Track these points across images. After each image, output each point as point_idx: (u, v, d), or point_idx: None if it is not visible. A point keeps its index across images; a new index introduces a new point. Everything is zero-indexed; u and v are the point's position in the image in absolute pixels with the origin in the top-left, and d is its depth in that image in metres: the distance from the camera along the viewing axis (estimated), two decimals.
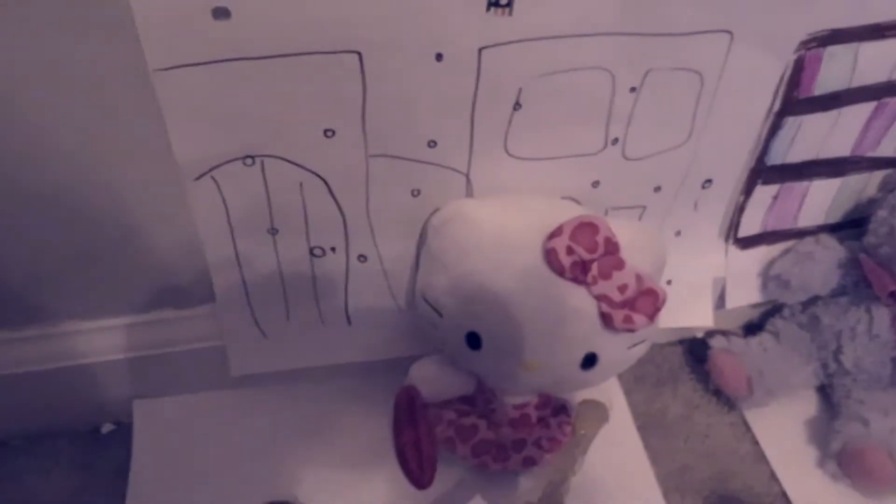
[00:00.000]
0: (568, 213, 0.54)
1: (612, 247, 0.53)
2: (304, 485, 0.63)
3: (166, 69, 0.47)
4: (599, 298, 0.53)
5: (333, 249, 0.61)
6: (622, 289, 0.53)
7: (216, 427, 0.67)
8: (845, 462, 0.65)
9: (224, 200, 0.56)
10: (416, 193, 0.59)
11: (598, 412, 0.55)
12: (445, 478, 0.58)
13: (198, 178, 0.54)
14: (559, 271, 0.53)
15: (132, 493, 0.63)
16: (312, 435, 0.66)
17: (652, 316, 0.53)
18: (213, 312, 0.64)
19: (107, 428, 0.69)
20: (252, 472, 0.63)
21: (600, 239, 0.53)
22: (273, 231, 0.59)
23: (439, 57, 0.50)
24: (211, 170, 0.54)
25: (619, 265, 0.53)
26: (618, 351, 0.56)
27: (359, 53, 0.49)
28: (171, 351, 0.66)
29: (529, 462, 0.61)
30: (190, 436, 0.67)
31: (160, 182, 0.54)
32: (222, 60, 0.47)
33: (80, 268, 0.59)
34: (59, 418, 0.68)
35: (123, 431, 0.68)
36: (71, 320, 0.63)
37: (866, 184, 0.69)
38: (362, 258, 0.62)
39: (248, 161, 0.54)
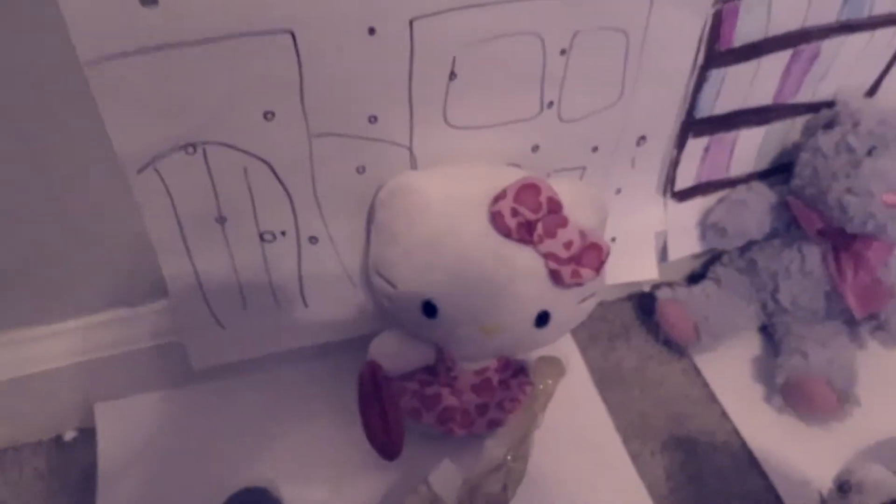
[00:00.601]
0: (510, 177, 0.56)
1: (554, 206, 0.55)
2: (277, 469, 0.63)
3: (98, 61, 0.46)
4: (547, 256, 0.55)
5: (283, 233, 0.62)
6: (567, 245, 0.55)
7: (181, 423, 0.67)
8: (789, 394, 0.68)
9: (168, 192, 0.55)
10: (361, 170, 0.59)
11: (555, 367, 0.57)
12: (413, 447, 0.59)
13: (140, 171, 0.53)
14: (506, 233, 0.54)
15: (102, 496, 0.62)
16: (280, 420, 0.67)
17: (598, 269, 0.55)
18: (168, 307, 0.63)
19: (70, 435, 0.68)
20: (223, 464, 0.63)
21: (543, 199, 0.54)
22: (221, 219, 0.59)
23: (372, 31, 0.51)
24: (152, 161, 0.53)
25: (563, 223, 0.55)
26: (569, 306, 0.58)
27: (291, 32, 0.49)
28: (129, 350, 0.65)
29: (494, 424, 0.62)
30: (156, 434, 0.66)
31: (101, 177, 0.54)
32: (154, 48, 0.47)
33: (26, 273, 0.58)
34: (20, 429, 0.67)
35: (87, 436, 0.67)
36: (21, 328, 0.62)
37: (790, 130, 0.73)
38: (313, 239, 0.63)
39: (190, 149, 0.53)
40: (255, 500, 0.59)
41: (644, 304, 0.78)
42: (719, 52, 0.63)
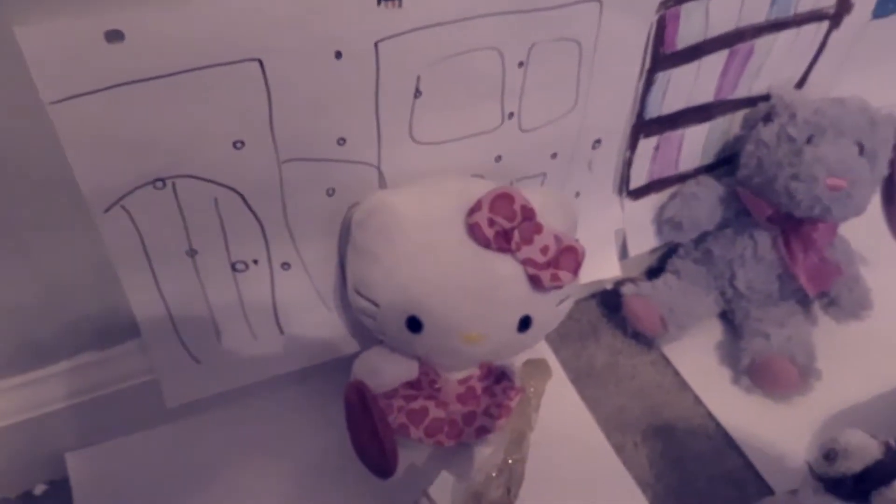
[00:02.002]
0: (481, 188, 0.57)
1: (528, 213, 0.56)
2: (264, 501, 0.62)
3: (62, 101, 0.45)
4: (525, 263, 0.56)
5: (256, 262, 0.61)
6: (544, 250, 0.56)
7: (159, 464, 0.65)
8: (755, 374, 0.72)
9: (137, 228, 0.54)
10: (331, 193, 0.59)
11: (542, 369, 0.58)
12: (406, 462, 0.59)
13: (107, 210, 0.52)
14: (484, 243, 0.56)
15: None
16: (266, 451, 0.65)
17: (575, 271, 0.57)
18: (140, 347, 0.62)
19: (40, 489, 0.65)
20: (208, 502, 0.62)
21: (517, 207, 0.56)
22: (192, 252, 0.58)
23: (338, 55, 0.51)
24: (120, 199, 0.52)
25: (538, 229, 0.56)
26: (548, 309, 0.60)
27: (259, 60, 0.49)
28: (98, 395, 0.63)
29: (483, 431, 0.63)
30: (133, 479, 0.64)
31: (62, 216, 0.52)
32: (121, 84, 0.46)
33: None
34: None
35: (58, 488, 0.65)
36: None
37: (731, 124, 0.77)
38: (286, 266, 0.62)
39: (159, 184, 0.52)
40: None
41: (608, 301, 0.81)
42: (664, 55, 0.66)
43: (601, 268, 0.77)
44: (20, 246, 0.53)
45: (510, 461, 0.51)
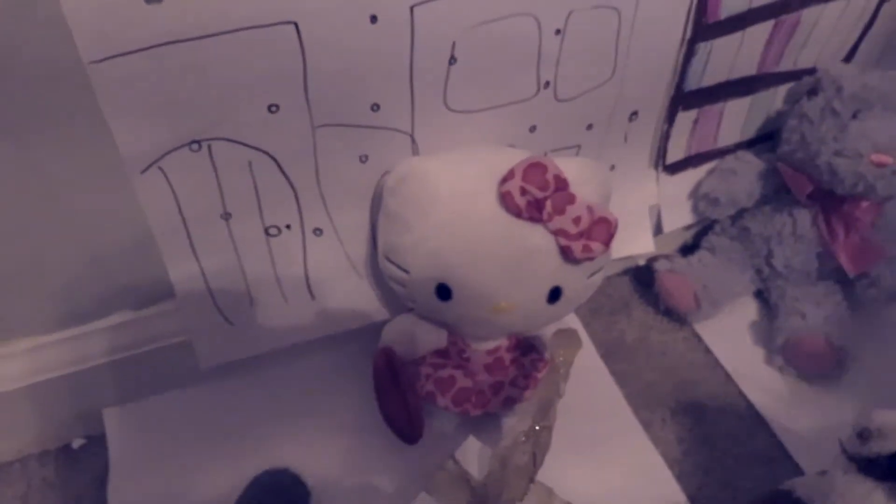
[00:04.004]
0: (514, 157, 0.57)
1: (561, 183, 0.56)
2: (296, 459, 0.62)
3: (101, 60, 0.46)
4: (557, 233, 0.56)
5: (288, 227, 0.62)
6: (576, 221, 0.56)
7: (192, 424, 0.67)
8: (789, 353, 0.71)
9: (173, 190, 0.55)
10: (364, 159, 0.59)
11: (572, 339, 0.58)
12: (433, 429, 0.60)
13: (144, 171, 0.53)
14: (516, 213, 0.55)
15: (114, 500, 0.62)
16: (294, 414, 0.67)
17: (607, 242, 0.56)
18: (174, 308, 0.63)
19: (77, 443, 0.67)
20: (238, 459, 0.63)
21: (550, 177, 0.55)
22: (226, 216, 0.59)
23: (374, 19, 0.51)
24: (157, 160, 0.53)
25: (571, 199, 0.56)
26: (579, 281, 0.59)
27: (295, 24, 0.49)
28: (135, 353, 0.65)
29: (510, 402, 0.63)
30: (166, 436, 0.66)
31: (101, 178, 0.53)
32: (158, 45, 0.46)
33: (29, 280, 0.57)
34: (26, 440, 0.66)
35: (95, 443, 0.67)
36: (25, 337, 0.61)
37: (773, 98, 0.75)
38: (318, 231, 0.63)
39: (195, 146, 0.53)
40: (279, 479, 0.59)
41: (641, 277, 0.80)
42: (706, 25, 0.64)
43: (635, 243, 0.76)
44: (64, 209, 0.55)
45: (537, 428, 0.51)
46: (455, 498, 0.52)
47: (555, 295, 0.59)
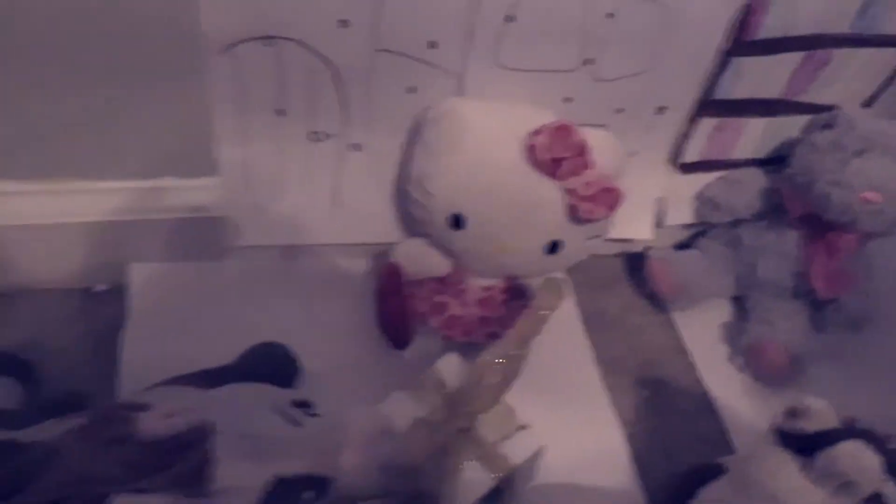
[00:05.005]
0: (546, 118, 0.63)
1: (583, 149, 0.62)
2: (296, 340, 0.68)
3: None
4: (568, 192, 0.62)
5: (329, 136, 0.68)
6: (588, 185, 0.62)
7: (207, 294, 0.73)
8: (751, 356, 0.77)
9: (241, 77, 0.61)
10: (411, 90, 0.65)
11: (559, 287, 0.64)
12: (419, 344, 0.66)
13: (220, 53, 0.59)
14: (536, 166, 0.61)
15: (128, 347, 0.67)
16: (301, 306, 0.73)
17: (611, 209, 0.63)
18: (213, 184, 0.69)
19: (99, 287, 0.74)
20: (245, 331, 0.67)
21: (574, 141, 0.61)
22: (280, 112, 0.65)
23: None
24: (233, 46, 0.59)
25: (588, 165, 0.62)
26: (578, 240, 0.66)
27: None
28: (169, 218, 0.70)
29: (493, 337, 0.69)
30: (183, 301, 0.72)
31: (175, 50, 0.59)
32: None
33: (93, 127, 0.63)
34: (53, 274, 0.72)
35: (114, 292, 0.73)
36: (76, 179, 0.67)
37: (792, 126, 0.80)
38: (356, 146, 0.69)
39: (268, 41, 0.59)
40: (272, 352, 0.65)
41: (633, 262, 0.86)
42: (743, 41, 0.70)
43: (635, 228, 0.82)
44: (131, 82, 0.61)
45: (511, 353, 0.57)
46: (429, 401, 0.58)
47: (553, 248, 0.65)
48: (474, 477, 0.56)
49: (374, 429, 0.52)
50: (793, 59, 0.73)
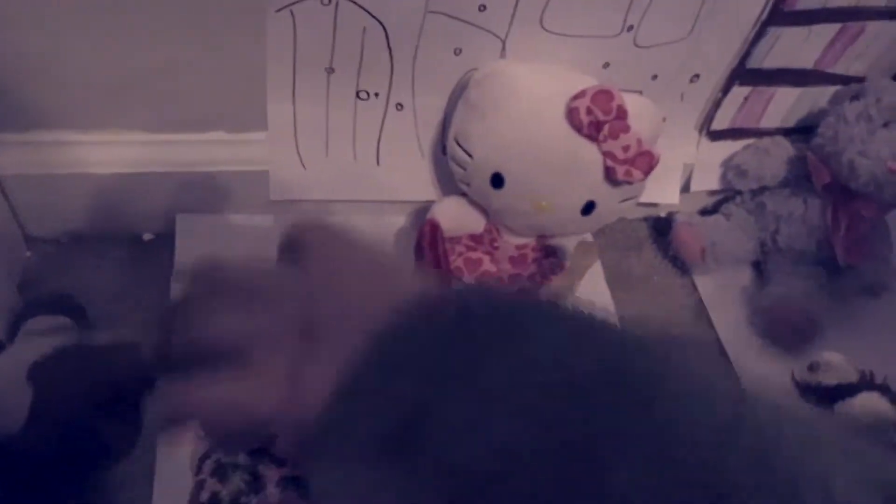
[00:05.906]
0: (587, 82, 0.65)
1: (622, 113, 0.64)
2: None
3: None
4: (606, 154, 0.65)
5: (377, 95, 0.70)
6: (626, 148, 0.65)
7: (251, 245, 0.76)
8: (770, 318, 0.80)
9: (295, 35, 0.63)
10: (458, 52, 0.68)
11: (591, 252, 0.67)
12: None
13: (279, 10, 0.61)
14: (577, 128, 0.64)
15: (175, 294, 0.71)
16: None
17: (647, 172, 0.65)
18: (260, 139, 0.72)
19: (147, 236, 0.77)
20: None
21: (614, 105, 0.64)
22: (330, 70, 0.67)
23: None
24: (292, 4, 0.61)
25: (626, 129, 0.64)
26: (612, 202, 0.68)
27: None
28: (216, 171, 0.73)
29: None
30: (226, 250, 0.75)
31: (237, 7, 0.61)
32: None
33: (153, 81, 0.65)
34: (105, 223, 0.75)
35: (162, 241, 0.76)
36: (133, 131, 0.70)
37: (821, 96, 0.82)
38: (399, 106, 0.71)
39: (326, 1, 0.61)
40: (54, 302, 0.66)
41: (659, 226, 0.89)
42: (782, 11, 0.71)
43: (663, 193, 0.85)
44: (193, 38, 0.63)
45: None
46: None
47: (588, 208, 0.68)
48: None
49: None
50: (828, 30, 0.75)
